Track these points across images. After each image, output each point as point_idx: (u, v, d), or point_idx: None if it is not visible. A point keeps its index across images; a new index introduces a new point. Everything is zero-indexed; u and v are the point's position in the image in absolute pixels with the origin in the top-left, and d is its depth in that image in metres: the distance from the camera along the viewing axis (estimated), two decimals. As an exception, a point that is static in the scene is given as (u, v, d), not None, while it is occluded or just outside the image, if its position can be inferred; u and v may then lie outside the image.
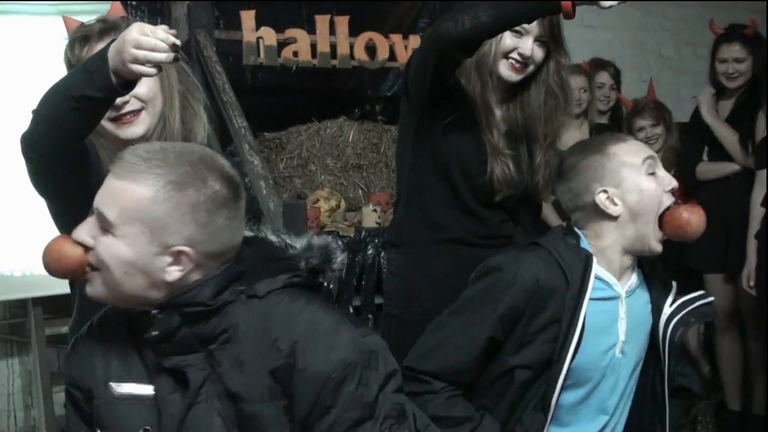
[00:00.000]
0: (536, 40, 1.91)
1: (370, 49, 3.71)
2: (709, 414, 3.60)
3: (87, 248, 1.25)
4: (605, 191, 1.68)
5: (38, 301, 3.20)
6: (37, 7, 3.24)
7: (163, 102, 1.66)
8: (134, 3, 3.81)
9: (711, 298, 1.80)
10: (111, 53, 1.37)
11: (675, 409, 1.80)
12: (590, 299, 1.65)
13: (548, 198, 2.10)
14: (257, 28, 3.48)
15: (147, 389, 1.29)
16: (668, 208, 1.70)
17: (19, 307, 3.43)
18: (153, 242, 1.22)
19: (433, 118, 1.94)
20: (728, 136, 3.35)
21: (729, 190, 3.29)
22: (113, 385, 1.30)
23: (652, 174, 1.69)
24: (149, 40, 1.33)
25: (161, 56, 1.34)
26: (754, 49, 3.39)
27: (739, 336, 3.45)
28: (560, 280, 1.65)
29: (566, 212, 1.80)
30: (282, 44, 3.51)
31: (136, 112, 1.63)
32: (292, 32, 3.55)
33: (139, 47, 1.33)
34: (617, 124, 3.77)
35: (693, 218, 1.70)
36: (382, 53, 3.70)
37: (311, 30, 3.61)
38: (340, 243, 1.42)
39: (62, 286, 3.15)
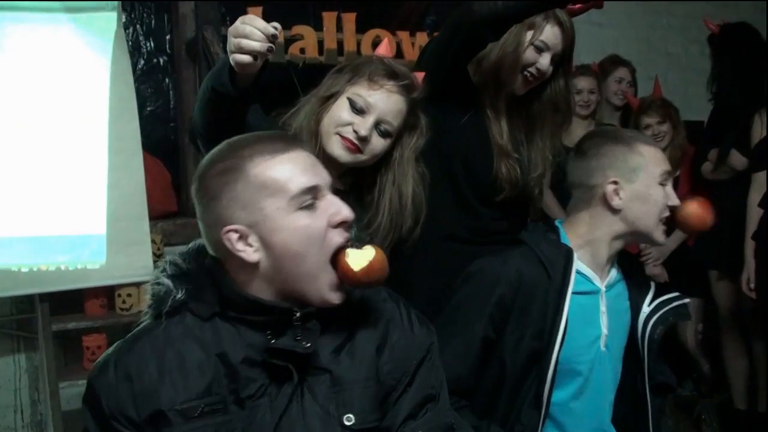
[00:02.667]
0: (552, 57, 1.93)
1: (377, 47, 3.70)
2: (713, 412, 3.60)
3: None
4: (616, 182, 1.69)
5: (45, 297, 3.20)
6: (47, 12, 3.24)
7: (390, 174, 1.77)
8: (142, -1, 3.83)
9: (687, 300, 1.84)
10: None
11: (655, 406, 1.84)
12: (572, 293, 1.68)
13: (540, 203, 2.20)
14: (264, 24, 3.48)
15: (219, 406, 1.24)
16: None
17: (26, 302, 3.43)
18: None
19: (442, 113, 1.95)
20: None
21: (735, 190, 3.28)
22: (185, 407, 1.22)
23: (663, 186, 1.72)
24: (245, 27, 1.38)
25: (255, 44, 1.38)
26: (717, 50, 3.47)
27: (743, 334, 3.44)
28: (542, 275, 1.68)
29: (569, 187, 1.81)
30: (289, 41, 3.51)
31: (360, 145, 1.71)
32: (299, 29, 3.55)
33: (236, 35, 1.38)
34: (625, 124, 3.77)
35: (700, 211, 1.76)
36: (389, 50, 3.70)
37: (318, 27, 3.61)
38: None
39: (70, 282, 3.19)
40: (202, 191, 1.28)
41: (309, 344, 1.25)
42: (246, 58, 1.39)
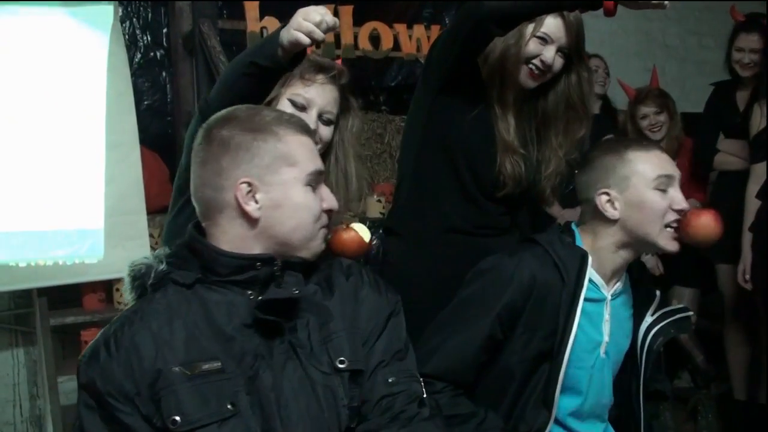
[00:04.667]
0: (559, 50, 1.91)
1: (374, 39, 3.70)
2: (708, 403, 3.60)
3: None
4: (607, 193, 1.69)
5: (43, 292, 3.20)
6: (44, 5, 3.23)
7: (332, 157, 1.87)
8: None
9: (690, 313, 1.85)
10: (284, 29, 1.59)
11: (647, 411, 1.84)
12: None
13: (551, 204, 2.15)
14: (261, 18, 3.47)
15: (217, 364, 1.27)
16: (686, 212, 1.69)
17: (24, 297, 3.44)
18: None
19: (451, 107, 1.95)
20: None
21: (742, 182, 3.27)
22: (183, 368, 1.26)
23: (662, 191, 1.68)
24: (315, 16, 1.57)
25: (318, 34, 1.57)
26: None
27: (747, 325, 3.44)
28: (556, 278, 1.67)
29: (579, 201, 1.81)
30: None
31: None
32: (296, 22, 3.54)
33: (305, 18, 1.57)
34: (609, 113, 3.78)
35: (706, 223, 1.68)
36: (387, 43, 3.70)
37: (315, 20, 3.60)
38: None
39: (68, 277, 3.20)
40: (220, 140, 1.34)
41: (296, 290, 1.33)
42: (306, 40, 1.56)
